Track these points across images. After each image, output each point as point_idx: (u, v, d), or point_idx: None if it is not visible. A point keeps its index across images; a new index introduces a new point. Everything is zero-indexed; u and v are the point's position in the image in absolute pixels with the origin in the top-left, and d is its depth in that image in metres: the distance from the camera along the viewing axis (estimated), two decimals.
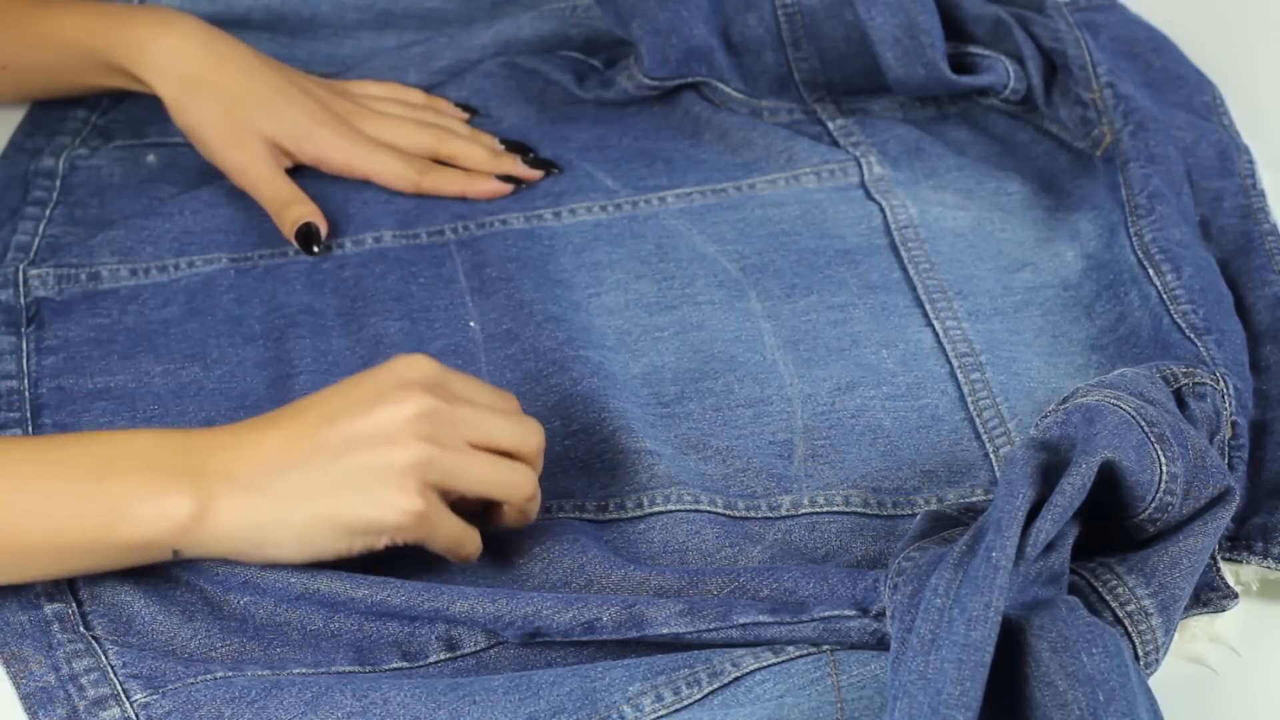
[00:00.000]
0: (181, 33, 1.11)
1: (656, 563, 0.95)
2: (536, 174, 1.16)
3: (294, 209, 1.11)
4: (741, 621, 0.88)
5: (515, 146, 1.17)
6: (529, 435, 0.92)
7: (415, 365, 0.90)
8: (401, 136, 1.15)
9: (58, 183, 1.15)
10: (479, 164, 1.15)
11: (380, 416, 0.88)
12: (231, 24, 1.22)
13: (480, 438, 0.91)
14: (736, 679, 0.87)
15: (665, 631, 0.88)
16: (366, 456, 0.88)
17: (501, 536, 0.96)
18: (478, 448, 0.91)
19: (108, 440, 0.88)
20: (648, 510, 0.97)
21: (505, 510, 0.93)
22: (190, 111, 1.11)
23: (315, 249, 1.10)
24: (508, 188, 1.15)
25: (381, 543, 0.89)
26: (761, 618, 0.88)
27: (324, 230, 1.11)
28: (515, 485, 0.92)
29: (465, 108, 1.20)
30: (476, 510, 0.94)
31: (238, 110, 1.11)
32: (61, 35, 1.12)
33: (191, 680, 0.88)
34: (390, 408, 0.88)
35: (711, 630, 0.88)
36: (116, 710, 0.87)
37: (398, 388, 0.89)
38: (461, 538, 0.92)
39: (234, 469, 0.88)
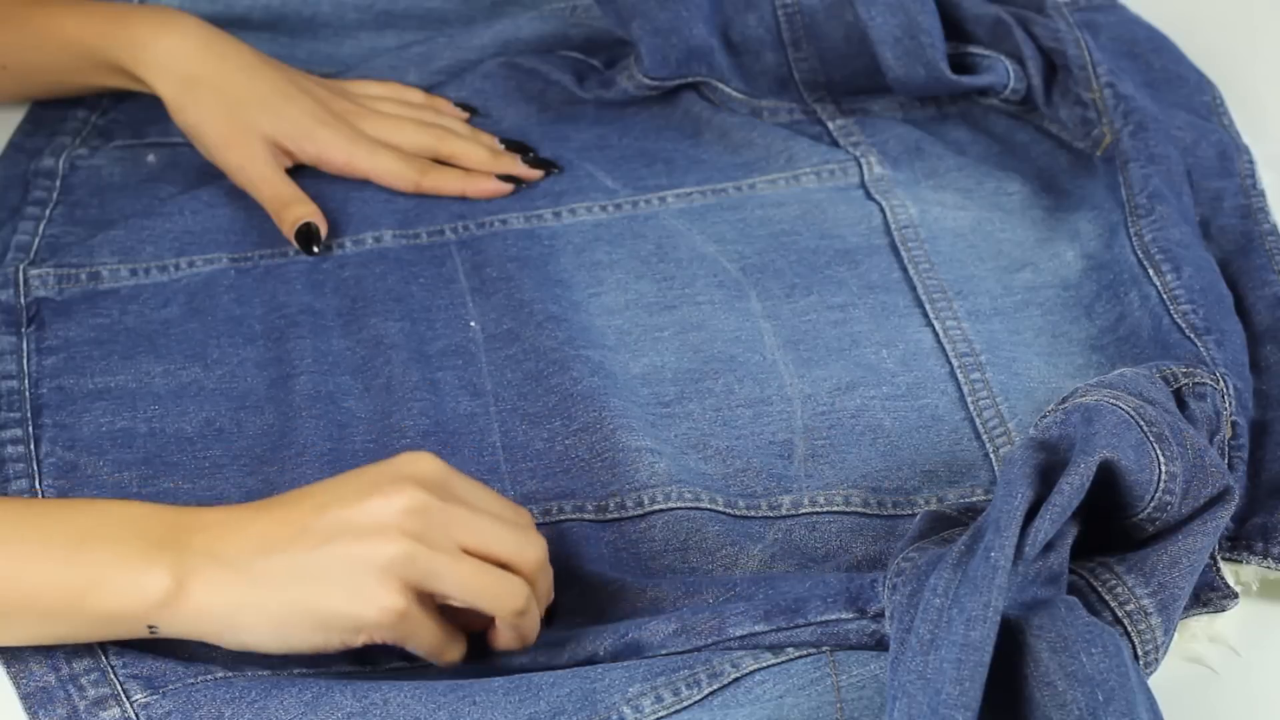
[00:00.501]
0: (181, 32, 1.11)
1: (658, 561, 0.95)
2: (537, 173, 1.16)
3: (294, 209, 1.11)
4: (737, 634, 0.88)
5: (515, 146, 1.17)
6: (527, 548, 0.88)
7: (420, 462, 0.87)
8: (402, 136, 1.15)
9: (58, 183, 1.15)
10: (479, 164, 1.15)
11: (370, 508, 0.85)
12: (231, 24, 1.22)
13: (473, 542, 0.86)
14: (736, 680, 0.87)
15: (662, 653, 0.88)
16: (349, 547, 0.84)
17: None
18: (471, 553, 0.86)
19: (97, 507, 0.86)
20: (648, 508, 0.97)
21: (498, 627, 0.89)
22: (190, 111, 1.11)
23: (315, 249, 1.10)
24: (508, 187, 1.15)
25: (359, 640, 0.86)
26: (757, 628, 0.88)
27: (323, 230, 1.11)
28: (502, 596, 0.87)
29: (465, 107, 1.20)
30: (476, 627, 0.90)
31: (238, 110, 1.11)
32: (62, 35, 1.12)
33: (191, 680, 0.88)
34: (382, 500, 0.85)
35: (708, 646, 0.88)
36: (116, 710, 0.87)
37: (395, 480, 0.86)
38: (443, 644, 0.88)
39: (217, 548, 0.85)
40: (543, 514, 0.97)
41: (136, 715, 0.87)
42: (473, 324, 1.07)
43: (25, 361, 1.05)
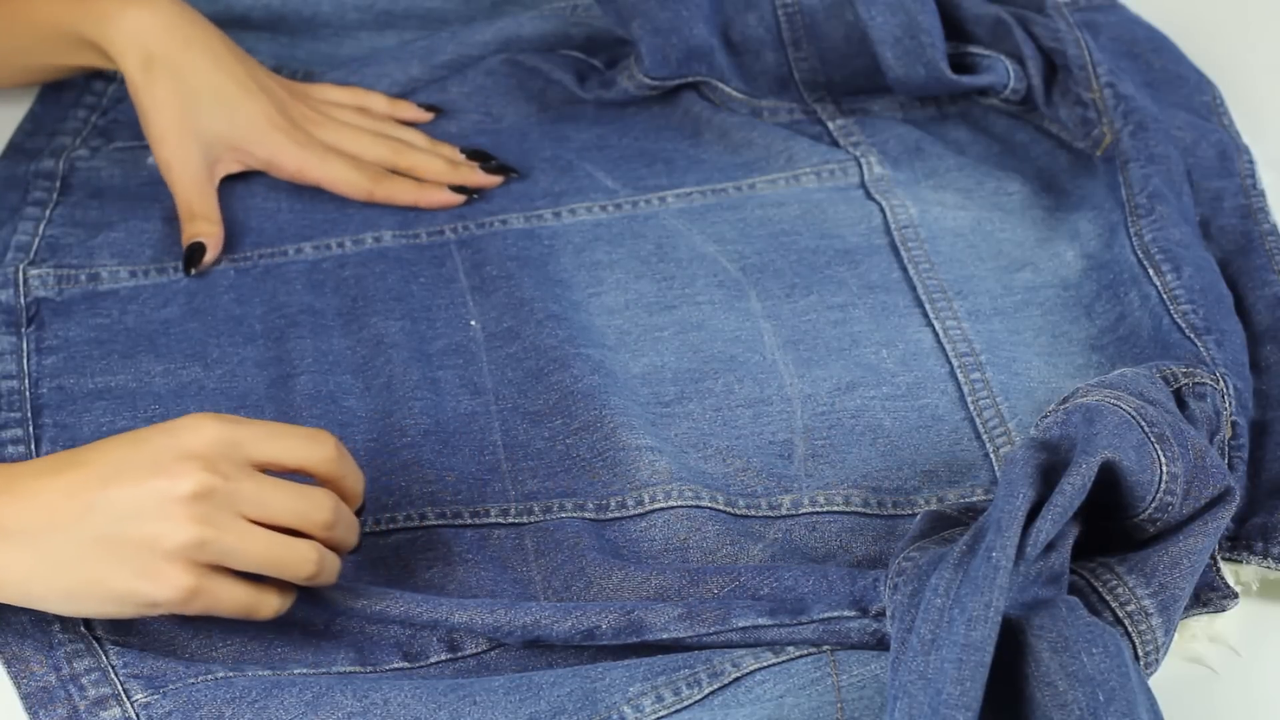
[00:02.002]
0: (151, 8, 1.09)
1: (658, 561, 0.96)
2: (494, 180, 1.15)
3: (196, 224, 1.10)
4: (740, 625, 0.88)
5: (475, 155, 1.16)
6: (313, 510, 0.88)
7: (201, 432, 0.86)
8: (358, 146, 1.15)
9: (57, 183, 1.15)
10: (437, 175, 1.15)
11: (155, 490, 0.84)
12: (231, 24, 1.22)
13: (260, 515, 0.87)
14: (737, 679, 0.87)
15: (664, 636, 0.88)
16: (136, 530, 0.84)
17: (504, 543, 0.96)
18: (252, 527, 0.87)
19: None
20: (649, 507, 0.97)
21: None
22: (143, 93, 1.10)
23: (192, 270, 1.09)
24: (460, 198, 1.14)
25: (157, 612, 0.86)
26: (760, 620, 0.88)
27: (210, 256, 1.10)
28: (293, 563, 0.87)
29: (429, 108, 1.20)
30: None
31: (190, 105, 1.10)
32: (33, 14, 1.11)
33: (192, 680, 0.88)
34: (167, 481, 0.84)
35: (710, 634, 0.88)
36: (117, 710, 0.87)
37: (178, 459, 0.85)
38: (251, 604, 0.88)
39: (6, 519, 0.85)
40: (544, 512, 0.97)
41: (137, 715, 0.87)
42: (473, 323, 1.07)
43: (25, 361, 1.05)
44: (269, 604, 0.89)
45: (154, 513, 0.84)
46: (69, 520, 0.84)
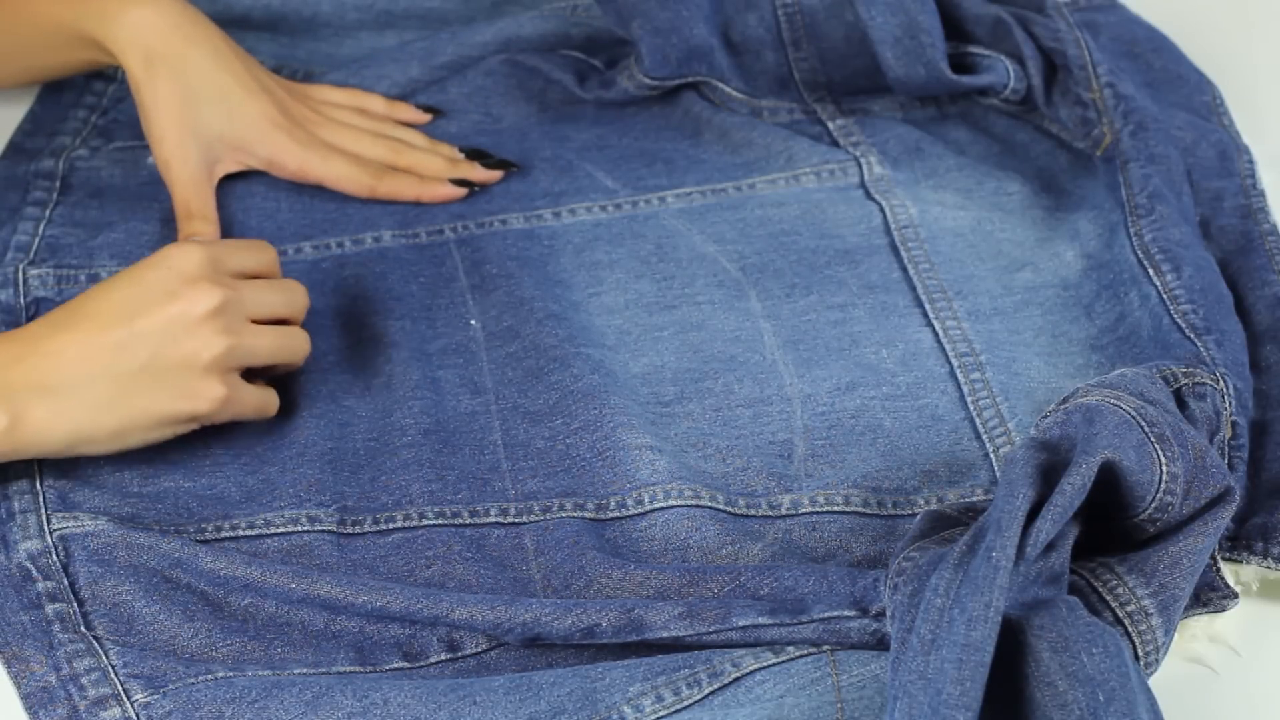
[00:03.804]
0: (153, 7, 1.09)
1: (658, 560, 0.96)
2: (494, 175, 1.15)
3: (193, 223, 1.10)
4: (741, 624, 0.88)
5: (474, 153, 1.16)
6: (296, 299, 1.01)
7: (191, 256, 0.96)
8: (359, 147, 1.15)
9: (57, 183, 1.15)
10: (436, 173, 1.15)
11: (179, 314, 0.94)
12: (231, 23, 1.22)
13: (262, 313, 0.98)
14: (737, 679, 0.87)
15: (665, 635, 0.88)
16: (173, 354, 0.94)
17: (503, 543, 0.96)
18: (260, 324, 0.98)
19: None
20: (649, 507, 0.97)
21: (279, 367, 1.01)
22: (145, 90, 1.10)
23: None
24: (461, 191, 1.14)
25: (192, 428, 0.97)
26: (761, 619, 0.88)
27: None
28: (297, 348, 1.00)
29: (428, 109, 1.20)
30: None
31: (191, 103, 1.10)
32: (35, 13, 1.11)
33: (192, 680, 0.88)
34: (186, 305, 0.94)
35: (711, 633, 0.88)
36: (117, 710, 0.87)
37: (185, 283, 0.94)
38: (264, 402, 0.99)
39: (41, 379, 0.92)
40: (543, 511, 0.97)
41: (137, 715, 0.87)
42: (473, 322, 1.07)
43: None
44: (273, 401, 1.00)
45: (184, 334, 0.94)
46: (105, 363, 0.92)
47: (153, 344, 0.93)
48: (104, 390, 0.93)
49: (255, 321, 0.98)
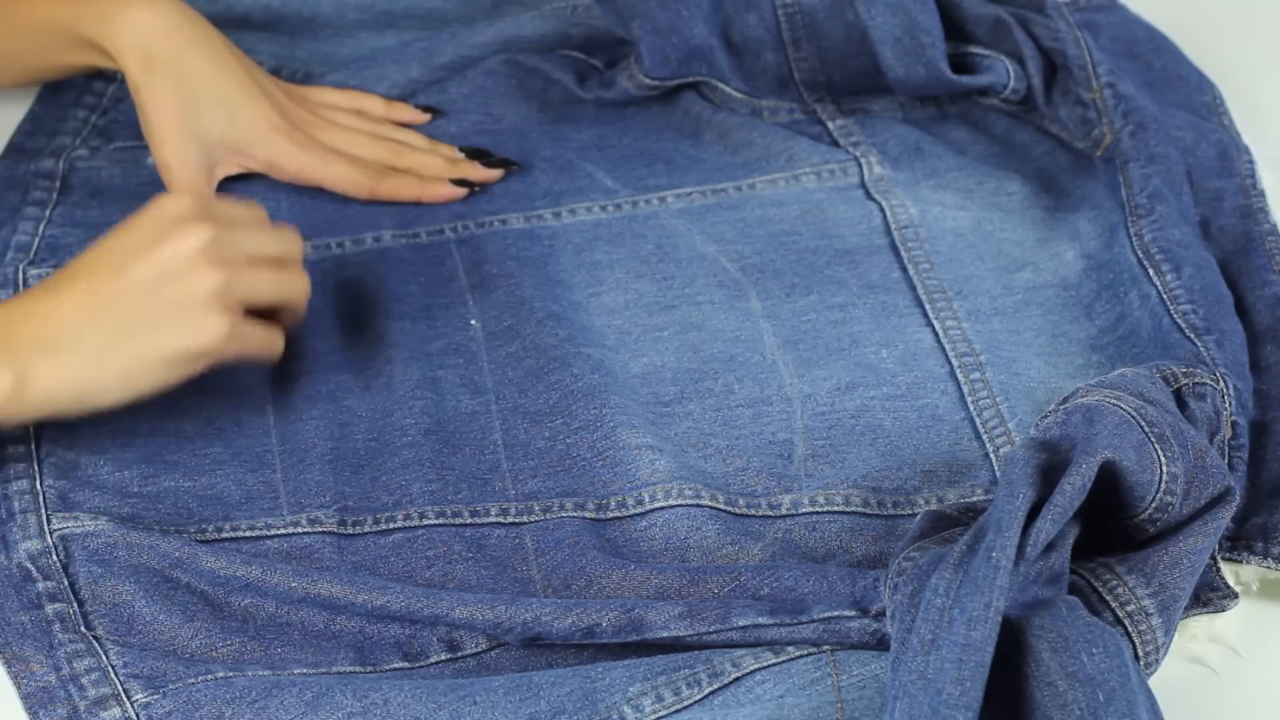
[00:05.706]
0: (152, 8, 1.09)
1: (658, 560, 0.96)
2: (494, 174, 1.15)
3: None
4: (741, 624, 0.88)
5: (474, 153, 1.17)
6: (290, 242, 1.01)
7: (179, 200, 0.96)
8: (358, 149, 1.15)
9: (57, 183, 1.15)
10: (436, 173, 1.15)
11: (170, 253, 0.94)
12: (231, 24, 1.22)
13: (258, 253, 0.98)
14: (737, 679, 0.87)
15: (665, 635, 0.88)
16: (169, 291, 0.94)
17: (504, 542, 0.96)
18: (256, 262, 0.98)
19: None
20: (649, 506, 0.97)
21: (283, 314, 1.00)
22: (144, 92, 1.10)
23: None
24: (462, 191, 1.14)
25: (199, 367, 0.95)
26: (761, 619, 0.88)
27: None
28: (298, 287, 1.00)
29: (427, 109, 1.20)
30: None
31: (190, 106, 1.10)
32: (34, 14, 1.11)
33: (192, 680, 0.88)
34: (178, 242, 0.94)
35: (711, 633, 0.88)
36: (117, 710, 0.87)
37: (175, 224, 0.95)
38: (269, 341, 0.99)
39: (41, 336, 0.92)
40: (544, 511, 0.97)
41: (137, 715, 0.87)
42: (473, 322, 1.07)
43: None
44: (278, 341, 1.00)
45: (178, 271, 0.94)
46: (105, 311, 0.93)
47: (148, 285, 0.94)
48: (105, 337, 0.93)
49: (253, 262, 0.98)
